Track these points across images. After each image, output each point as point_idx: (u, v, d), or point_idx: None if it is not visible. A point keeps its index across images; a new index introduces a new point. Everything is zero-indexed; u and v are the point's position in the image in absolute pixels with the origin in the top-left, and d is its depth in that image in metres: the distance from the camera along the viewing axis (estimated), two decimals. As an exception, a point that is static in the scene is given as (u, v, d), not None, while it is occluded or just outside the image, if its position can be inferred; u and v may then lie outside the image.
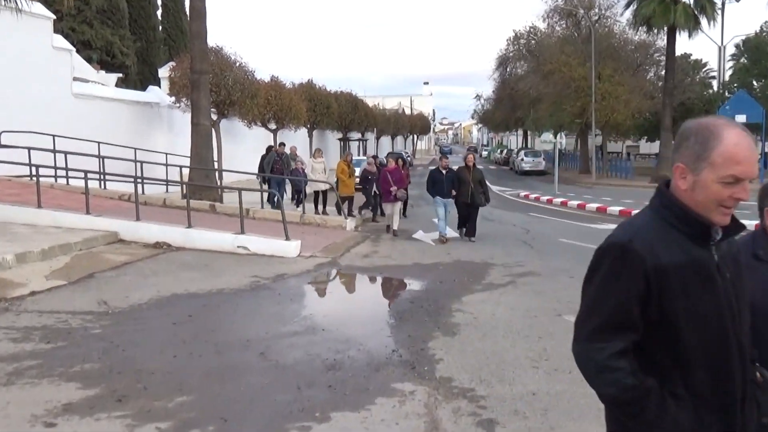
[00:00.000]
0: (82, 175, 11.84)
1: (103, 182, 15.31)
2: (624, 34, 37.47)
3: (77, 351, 5.64)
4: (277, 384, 4.99)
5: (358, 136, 44.39)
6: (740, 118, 24.55)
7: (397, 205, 14.02)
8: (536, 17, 78.41)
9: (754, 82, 34.98)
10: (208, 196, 15.27)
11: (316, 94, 29.66)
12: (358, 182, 16.44)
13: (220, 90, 18.47)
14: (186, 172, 16.62)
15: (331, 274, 9.89)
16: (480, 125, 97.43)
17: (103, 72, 25.95)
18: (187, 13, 20.52)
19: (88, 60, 25.70)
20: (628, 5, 33.36)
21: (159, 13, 36.25)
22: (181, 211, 12.01)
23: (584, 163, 39.07)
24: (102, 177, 15.01)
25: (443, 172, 13.01)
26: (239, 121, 22.12)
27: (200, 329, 6.53)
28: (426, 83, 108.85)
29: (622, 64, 36.41)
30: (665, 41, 32.66)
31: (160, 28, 36.16)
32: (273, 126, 24.23)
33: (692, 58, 43.12)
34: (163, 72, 26.19)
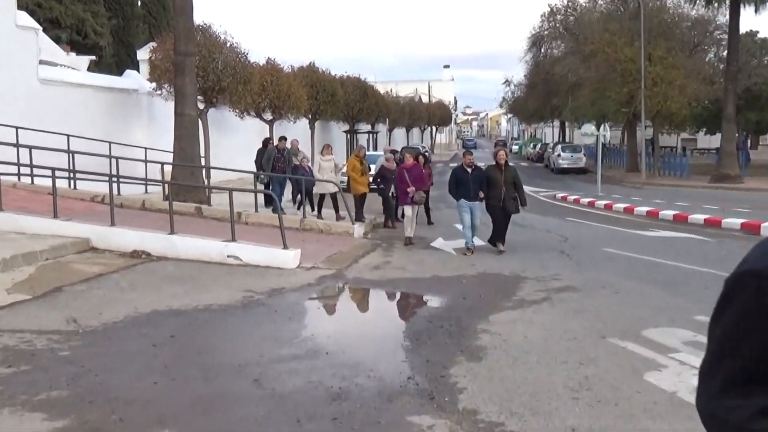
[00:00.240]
0: (49, 173, 11.94)
1: (73, 181, 15.44)
2: (679, 8, 37.34)
3: (43, 376, 5.67)
4: (274, 416, 5.00)
5: (368, 128, 44.57)
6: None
7: (415, 209, 13.94)
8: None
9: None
10: (194, 198, 15.36)
11: (319, 80, 29.81)
12: (372, 181, 16.35)
13: (207, 75, 18.56)
14: (168, 169, 16.73)
15: (335, 289, 9.91)
16: (509, 115, 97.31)
17: (73, 54, 26.26)
18: (171, -14, 20.74)
19: (57, 40, 26.02)
20: (683, -26, 33.36)
21: (138, -15, 36.74)
22: (162, 215, 12.09)
23: (632, 160, 38.94)
24: (72, 175, 15.15)
25: (468, 170, 12.82)
26: (230, 110, 22.24)
27: (184, 352, 6.56)
28: (446, 66, 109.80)
29: (677, 43, 36.21)
30: (727, 17, 32.44)
31: (139, 4, 36.49)
32: (269, 116, 24.37)
33: (759, 36, 42.81)
34: (143, 54, 26.44)
